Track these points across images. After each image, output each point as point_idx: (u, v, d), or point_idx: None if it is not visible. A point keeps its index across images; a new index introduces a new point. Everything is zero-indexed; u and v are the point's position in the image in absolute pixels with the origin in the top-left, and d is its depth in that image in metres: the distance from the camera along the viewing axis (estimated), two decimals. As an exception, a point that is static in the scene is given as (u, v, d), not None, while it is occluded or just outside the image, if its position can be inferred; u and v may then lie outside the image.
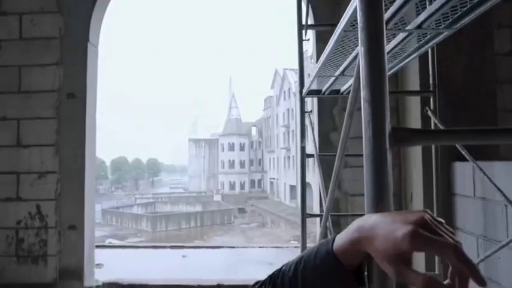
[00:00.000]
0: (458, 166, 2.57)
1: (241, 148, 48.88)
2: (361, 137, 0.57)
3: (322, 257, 0.60)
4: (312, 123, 2.44)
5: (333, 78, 2.00)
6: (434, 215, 1.89)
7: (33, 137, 3.19)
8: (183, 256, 4.55)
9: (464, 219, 2.47)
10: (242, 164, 48.65)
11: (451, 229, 0.48)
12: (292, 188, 36.73)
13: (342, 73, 1.79)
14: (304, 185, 2.67)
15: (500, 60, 3.11)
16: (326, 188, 2.32)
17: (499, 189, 1.81)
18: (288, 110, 38.62)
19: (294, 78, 35.99)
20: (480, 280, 0.43)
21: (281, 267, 0.70)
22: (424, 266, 2.61)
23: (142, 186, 63.14)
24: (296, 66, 2.39)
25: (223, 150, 48.86)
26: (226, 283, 3.13)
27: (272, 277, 0.70)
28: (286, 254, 4.53)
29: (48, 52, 3.21)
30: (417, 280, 0.44)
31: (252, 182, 49.15)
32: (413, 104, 2.91)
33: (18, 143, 3.20)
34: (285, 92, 40.10)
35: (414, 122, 2.85)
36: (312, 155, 2.32)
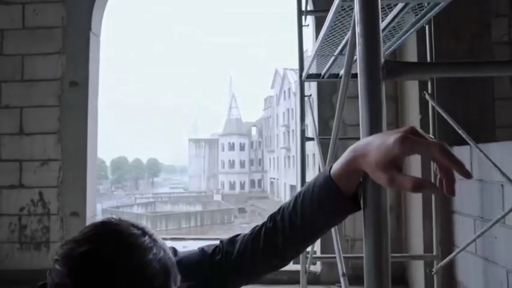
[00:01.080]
0: (456, 150, 2.59)
1: (242, 148, 48.91)
2: (359, 124, 0.60)
3: (320, 184, 0.63)
4: (311, 107, 2.48)
5: (331, 60, 2.03)
6: (433, 200, 1.93)
7: (36, 125, 3.23)
8: (184, 247, 4.59)
9: (462, 202, 2.50)
10: (242, 164, 48.67)
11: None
12: (293, 187, 36.72)
13: (341, 52, 1.82)
14: (304, 173, 2.70)
15: (498, 49, 3.15)
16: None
17: (495, 165, 1.84)
18: (288, 109, 38.63)
19: (294, 78, 36.00)
20: (465, 173, 0.46)
21: (281, 206, 0.73)
22: (422, 249, 2.64)
23: (142, 186, 63.15)
24: (296, 66, 2.43)
25: (223, 150, 48.89)
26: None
27: (272, 216, 0.74)
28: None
29: (50, 41, 3.25)
30: (407, 183, 0.48)
31: (252, 182, 49.16)
32: (412, 91, 2.94)
33: (21, 131, 3.23)
34: (285, 91, 40.13)
35: (413, 108, 2.89)
36: (312, 138, 2.36)
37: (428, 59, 2.56)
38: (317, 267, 3.20)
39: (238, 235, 0.78)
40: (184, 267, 0.66)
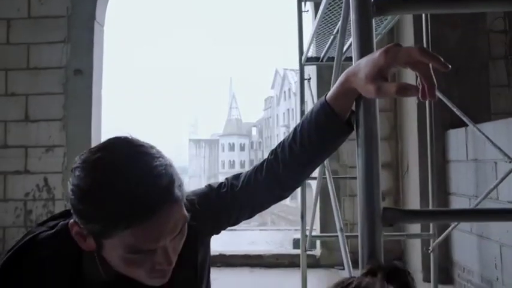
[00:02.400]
0: (452, 133, 2.67)
1: (242, 148, 48.98)
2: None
3: (317, 109, 0.70)
4: (311, 90, 2.54)
5: (329, 41, 2.09)
6: (429, 183, 1.99)
7: (41, 112, 3.29)
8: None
9: (458, 183, 2.57)
10: (242, 164, 48.69)
11: None
12: (293, 188, 36.69)
13: (338, 31, 1.88)
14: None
15: (494, 38, 3.22)
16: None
17: (490, 140, 1.90)
18: (289, 110, 38.74)
19: (294, 78, 36.11)
20: (443, 65, 0.53)
21: (282, 139, 0.79)
22: (419, 230, 2.70)
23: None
24: (296, 66, 2.50)
25: (223, 151, 48.96)
26: (227, 253, 3.23)
27: (273, 149, 0.80)
28: (282, 236, 4.61)
29: (55, 30, 3.32)
30: (392, 88, 0.54)
31: (252, 182, 49.16)
32: (410, 77, 3.01)
33: (26, 117, 3.30)
34: (285, 92, 40.23)
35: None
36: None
37: (425, 43, 2.63)
38: (317, 251, 3.27)
39: (242, 172, 0.85)
40: (192, 203, 0.72)
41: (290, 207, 35.39)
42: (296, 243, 3.38)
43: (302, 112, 2.37)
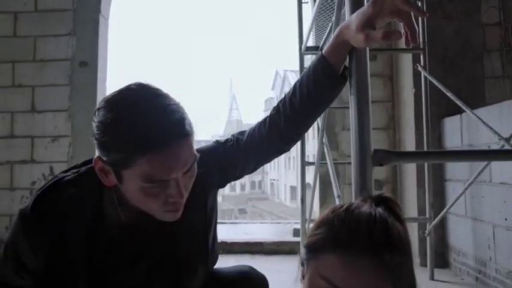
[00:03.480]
0: (447, 121, 2.74)
1: (242, 149, 48.96)
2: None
3: (315, 64, 0.78)
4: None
5: (328, 30, 2.17)
6: (426, 171, 2.10)
7: (47, 103, 3.37)
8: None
9: (453, 169, 2.64)
10: (243, 165, 48.69)
11: None
12: (293, 188, 36.79)
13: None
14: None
15: (489, 30, 3.30)
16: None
17: (485, 123, 1.97)
18: (289, 111, 38.74)
19: (294, 79, 36.19)
20: (422, 12, 0.61)
21: (283, 96, 0.87)
22: (416, 212, 2.78)
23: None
24: (297, 67, 2.59)
25: (223, 152, 48.93)
26: (229, 241, 3.30)
27: (276, 105, 0.88)
28: (283, 228, 4.68)
29: (61, 23, 3.40)
30: (379, 34, 0.62)
31: (253, 183, 49.21)
32: (406, 69, 3.09)
33: (32, 108, 3.38)
34: (285, 93, 40.21)
35: (407, 84, 3.03)
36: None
37: (421, 37, 2.71)
38: (316, 239, 3.33)
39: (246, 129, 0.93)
40: (201, 155, 0.80)
41: (290, 208, 35.41)
42: (296, 232, 3.44)
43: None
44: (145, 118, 0.66)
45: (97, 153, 0.73)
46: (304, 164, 2.71)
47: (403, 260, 0.57)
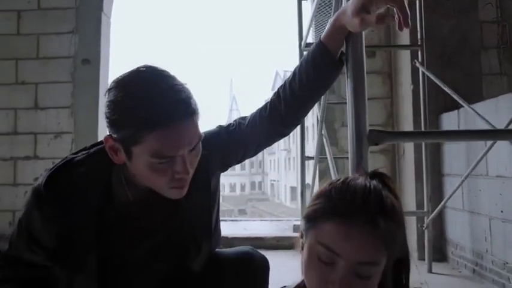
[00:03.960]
0: (444, 116, 2.78)
1: (242, 150, 49.02)
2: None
3: (313, 49, 0.82)
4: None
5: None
6: (424, 166, 2.16)
7: (50, 100, 3.42)
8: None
9: (451, 164, 2.68)
10: (242, 166, 48.72)
11: None
12: (293, 189, 36.83)
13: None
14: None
15: (487, 28, 3.34)
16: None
17: (479, 115, 2.01)
18: (289, 111, 38.82)
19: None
20: None
21: (284, 81, 0.91)
22: (415, 207, 2.82)
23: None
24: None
25: (223, 152, 48.97)
26: (229, 236, 3.34)
27: (276, 91, 0.92)
28: (283, 226, 4.71)
29: (64, 21, 3.45)
30: (373, 18, 0.66)
31: (253, 184, 49.24)
32: (404, 66, 3.13)
33: (36, 105, 3.42)
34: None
35: (405, 80, 3.07)
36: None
37: (419, 34, 2.75)
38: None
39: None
40: (204, 138, 0.84)
41: (290, 209, 35.43)
42: (296, 228, 3.48)
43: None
44: (153, 96, 0.70)
45: (107, 131, 0.77)
46: (304, 158, 2.75)
47: (396, 230, 0.61)
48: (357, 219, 0.57)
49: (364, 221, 0.57)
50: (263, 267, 0.98)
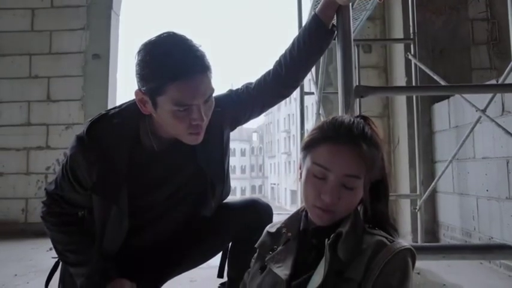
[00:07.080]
0: (436, 106, 2.95)
1: (242, 153, 49.26)
2: None
3: (310, 21, 0.99)
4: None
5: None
6: (416, 153, 2.39)
7: (62, 93, 3.59)
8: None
9: (443, 151, 2.84)
10: (243, 170, 48.93)
11: None
12: (293, 192, 36.95)
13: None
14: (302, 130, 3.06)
15: (477, 25, 3.52)
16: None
17: (466, 99, 2.17)
18: (289, 115, 39.06)
19: (294, 83, 36.35)
20: None
21: (285, 50, 1.07)
22: (408, 189, 2.97)
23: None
24: None
25: (224, 156, 49.09)
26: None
27: (278, 59, 1.08)
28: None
29: (76, 18, 3.63)
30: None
31: (253, 188, 49.34)
32: (399, 60, 3.30)
33: (48, 98, 3.59)
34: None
35: (399, 74, 3.24)
36: (312, 93, 2.72)
37: (411, 29, 2.92)
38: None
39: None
40: (217, 99, 1.00)
41: (291, 212, 35.50)
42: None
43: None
44: (174, 54, 0.86)
45: (137, 87, 0.93)
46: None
47: (375, 154, 0.76)
48: (343, 141, 0.73)
49: (349, 142, 0.72)
50: (268, 212, 1.14)
